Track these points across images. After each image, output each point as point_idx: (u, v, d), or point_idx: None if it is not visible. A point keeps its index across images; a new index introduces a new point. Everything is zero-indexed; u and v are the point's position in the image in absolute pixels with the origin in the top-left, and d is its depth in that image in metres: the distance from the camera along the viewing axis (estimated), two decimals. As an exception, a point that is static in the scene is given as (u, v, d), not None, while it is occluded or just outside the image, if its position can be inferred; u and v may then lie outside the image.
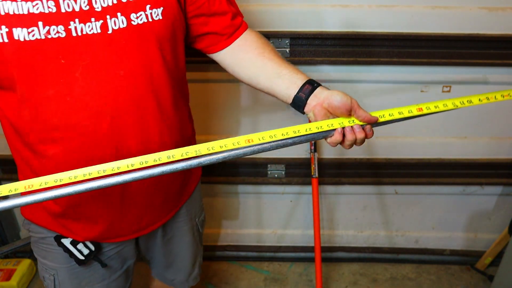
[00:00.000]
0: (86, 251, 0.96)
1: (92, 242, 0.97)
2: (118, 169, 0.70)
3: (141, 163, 0.71)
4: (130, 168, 0.70)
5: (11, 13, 0.69)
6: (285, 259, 2.05)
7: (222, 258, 2.05)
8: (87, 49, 0.75)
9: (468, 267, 2.00)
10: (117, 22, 0.76)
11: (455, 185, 1.83)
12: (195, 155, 0.74)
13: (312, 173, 1.68)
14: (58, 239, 0.95)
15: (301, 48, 1.58)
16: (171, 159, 0.72)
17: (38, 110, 0.77)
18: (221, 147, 0.74)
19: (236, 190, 1.90)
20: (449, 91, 1.65)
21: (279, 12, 1.52)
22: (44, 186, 0.69)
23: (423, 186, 1.84)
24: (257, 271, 2.00)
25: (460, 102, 0.79)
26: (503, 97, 0.78)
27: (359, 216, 1.97)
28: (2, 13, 0.69)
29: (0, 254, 1.71)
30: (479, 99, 0.79)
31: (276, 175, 1.83)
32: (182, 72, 0.95)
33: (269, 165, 1.82)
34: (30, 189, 0.69)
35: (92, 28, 0.74)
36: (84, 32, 0.74)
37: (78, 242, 0.95)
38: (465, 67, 1.59)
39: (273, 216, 1.97)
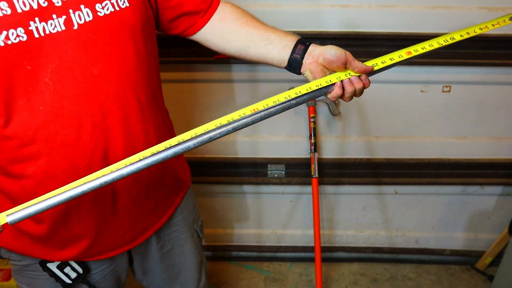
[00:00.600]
0: (73, 275, 0.90)
1: (79, 264, 0.91)
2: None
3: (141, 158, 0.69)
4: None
5: None
6: (285, 259, 2.05)
7: (222, 258, 2.05)
8: (53, 49, 0.68)
9: (468, 267, 1.99)
10: (82, 16, 0.69)
11: (455, 185, 1.83)
12: (203, 132, 0.77)
13: (312, 173, 1.68)
14: (43, 264, 0.88)
15: (301, 48, 1.58)
16: (180, 140, 0.74)
17: (9, 124, 0.70)
18: (228, 120, 0.75)
19: (236, 190, 1.90)
20: (449, 91, 1.65)
21: (279, 12, 1.52)
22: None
23: (423, 186, 1.84)
24: (257, 271, 2.00)
25: (444, 40, 0.84)
26: (481, 29, 0.84)
27: (359, 216, 1.97)
28: None
29: None
30: (460, 35, 0.85)
31: (276, 175, 1.83)
32: (156, 66, 0.89)
33: (269, 165, 1.82)
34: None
35: (55, 26, 0.67)
36: (47, 32, 0.67)
37: (65, 266, 0.89)
38: (465, 67, 1.59)
39: (273, 216, 1.97)
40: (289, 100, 0.76)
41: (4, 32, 0.63)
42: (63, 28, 0.68)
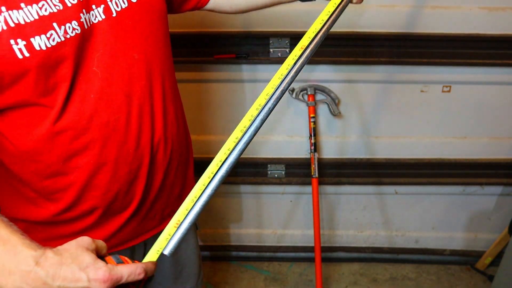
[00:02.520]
0: None
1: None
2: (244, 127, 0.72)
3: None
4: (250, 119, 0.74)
5: (22, 22, 0.62)
6: (285, 259, 2.05)
7: (222, 258, 2.05)
8: (97, 39, 0.71)
9: (468, 267, 2.00)
10: (119, 3, 0.73)
11: (455, 185, 1.83)
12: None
13: (312, 173, 1.68)
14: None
15: (301, 48, 1.58)
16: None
17: (63, 116, 0.71)
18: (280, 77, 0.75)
19: (236, 190, 1.90)
20: (449, 91, 1.65)
21: (279, 12, 1.52)
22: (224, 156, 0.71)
23: (423, 186, 1.84)
24: (257, 271, 2.00)
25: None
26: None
27: (359, 216, 1.97)
28: (12, 25, 0.61)
29: None
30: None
31: (276, 175, 1.83)
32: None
33: (269, 165, 1.82)
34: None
35: (96, 16, 0.70)
36: (90, 23, 0.69)
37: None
38: (465, 67, 1.59)
39: (273, 216, 1.97)
40: (325, 22, 0.79)
41: (62, 27, 0.65)
42: (103, 17, 0.71)
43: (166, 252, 0.64)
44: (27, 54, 0.63)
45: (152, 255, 0.63)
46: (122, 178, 0.80)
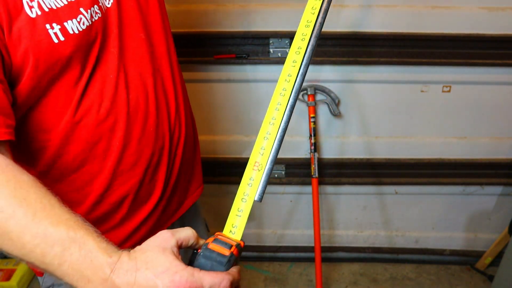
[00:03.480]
0: None
1: None
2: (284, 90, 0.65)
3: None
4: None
5: (54, 7, 0.62)
6: (285, 259, 2.05)
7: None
8: (111, 21, 0.72)
9: (468, 267, 1.99)
10: None
11: (455, 185, 1.83)
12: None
13: (312, 173, 1.68)
14: None
15: (301, 48, 1.58)
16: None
17: (85, 97, 0.71)
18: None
19: (236, 190, 1.89)
20: (449, 91, 1.65)
21: (280, 12, 1.52)
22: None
23: (423, 186, 1.84)
24: (257, 271, 2.00)
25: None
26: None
27: (359, 216, 1.97)
28: (46, 10, 0.62)
29: (0, 254, 1.71)
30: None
31: (276, 175, 1.83)
32: None
33: (269, 165, 1.82)
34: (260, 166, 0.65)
35: (109, 0, 0.72)
36: (105, 7, 0.71)
37: None
38: (465, 67, 1.60)
39: (273, 216, 1.97)
40: None
41: (89, 11, 0.67)
42: (113, 0, 0.73)
43: (256, 198, 0.62)
44: (62, 38, 0.63)
45: (228, 228, 0.59)
46: (147, 161, 0.80)
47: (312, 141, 1.67)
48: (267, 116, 0.64)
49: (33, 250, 0.49)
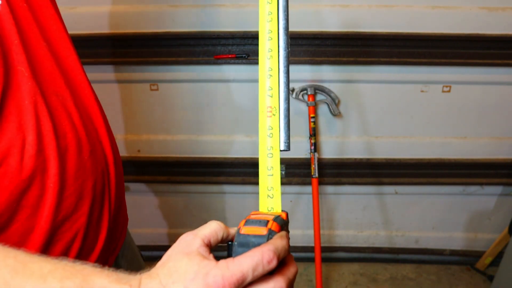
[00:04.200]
0: None
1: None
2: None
3: None
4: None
5: None
6: (285, 259, 2.05)
7: (222, 258, 2.05)
8: (5, 27, 0.57)
9: (468, 267, 2.00)
10: None
11: (455, 185, 1.83)
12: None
13: (312, 173, 1.68)
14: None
15: (301, 48, 1.58)
16: None
17: (3, 136, 0.56)
18: None
19: (237, 190, 1.90)
20: (449, 91, 1.65)
21: (279, 12, 1.52)
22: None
23: (423, 186, 1.84)
24: (257, 271, 2.00)
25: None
26: None
27: (359, 216, 1.97)
28: None
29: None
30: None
31: (276, 175, 1.83)
32: None
33: (269, 165, 1.82)
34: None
35: None
36: None
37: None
38: (465, 67, 1.60)
39: (273, 216, 1.97)
40: None
41: None
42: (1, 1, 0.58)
43: (282, 147, 0.54)
44: None
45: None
46: (90, 196, 0.66)
47: (312, 141, 1.67)
48: (260, 51, 0.53)
49: None
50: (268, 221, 0.45)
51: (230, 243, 0.47)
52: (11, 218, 0.57)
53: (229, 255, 0.45)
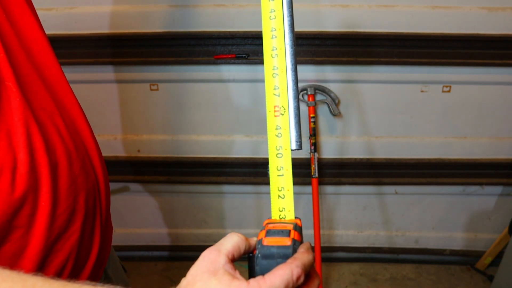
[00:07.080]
0: None
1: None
2: None
3: None
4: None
5: None
6: (285, 259, 2.04)
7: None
8: None
9: (468, 267, 1.99)
10: None
11: (455, 185, 1.83)
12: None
13: (312, 173, 1.68)
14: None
15: (301, 48, 1.58)
16: None
17: None
18: None
19: (237, 190, 1.90)
20: (449, 91, 1.65)
21: (279, 12, 1.52)
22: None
23: (423, 186, 1.84)
24: (257, 271, 2.00)
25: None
26: None
27: (359, 216, 1.97)
28: None
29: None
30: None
31: (276, 175, 1.83)
32: None
33: (269, 165, 1.81)
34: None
35: None
36: None
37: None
38: (465, 67, 1.60)
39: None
40: None
41: None
42: None
43: (294, 147, 0.53)
44: None
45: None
46: (83, 212, 0.65)
47: (312, 141, 1.67)
48: (265, 49, 0.51)
49: None
50: (289, 231, 0.45)
51: (251, 254, 0.45)
52: (3, 238, 0.55)
53: (251, 266, 0.44)
